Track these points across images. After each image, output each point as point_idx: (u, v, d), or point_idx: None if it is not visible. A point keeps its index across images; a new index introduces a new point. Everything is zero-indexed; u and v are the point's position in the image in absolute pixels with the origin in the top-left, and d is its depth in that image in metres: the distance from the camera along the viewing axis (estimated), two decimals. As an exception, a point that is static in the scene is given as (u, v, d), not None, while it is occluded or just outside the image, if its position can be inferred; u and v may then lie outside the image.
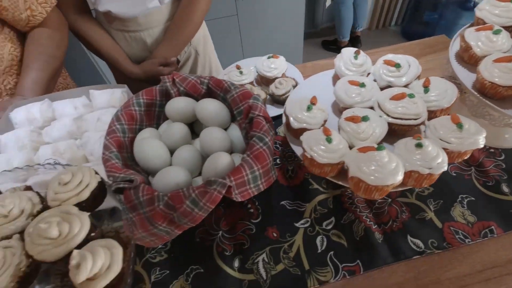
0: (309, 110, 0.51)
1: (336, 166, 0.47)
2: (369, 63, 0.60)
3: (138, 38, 0.99)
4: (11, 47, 0.79)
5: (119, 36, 1.00)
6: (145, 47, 1.01)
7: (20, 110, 0.68)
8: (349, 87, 0.54)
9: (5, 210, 0.40)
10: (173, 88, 0.57)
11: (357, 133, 0.48)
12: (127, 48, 1.01)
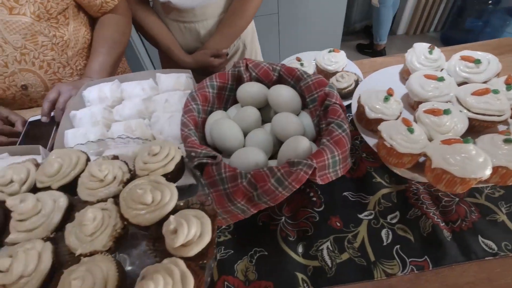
0: (386, 101, 0.51)
1: (415, 157, 0.46)
2: (443, 59, 0.59)
3: (192, 29, 1.02)
4: (85, 31, 0.84)
5: (174, 27, 1.03)
6: (198, 38, 1.04)
7: (92, 89, 0.72)
8: (425, 81, 0.53)
9: (102, 174, 0.42)
10: (246, 73, 0.59)
11: (438, 126, 0.47)
12: (181, 38, 1.05)
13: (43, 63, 0.79)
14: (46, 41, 0.77)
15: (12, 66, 0.76)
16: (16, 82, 0.79)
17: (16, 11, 0.70)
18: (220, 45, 0.98)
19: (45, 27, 0.75)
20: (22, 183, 0.45)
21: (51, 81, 0.83)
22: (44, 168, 0.45)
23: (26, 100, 0.84)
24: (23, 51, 0.75)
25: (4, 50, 0.73)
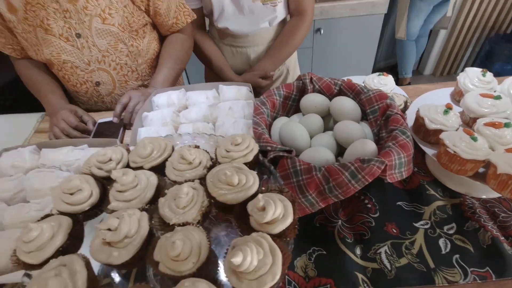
0: (446, 114, 0.55)
1: (478, 164, 0.49)
2: (495, 82, 0.63)
3: (243, 53, 1.13)
4: (155, 45, 0.96)
5: (227, 50, 1.14)
6: (247, 61, 1.14)
7: (161, 95, 0.80)
8: (482, 99, 0.57)
9: (191, 158, 0.47)
10: (310, 85, 0.65)
11: (499, 138, 0.50)
12: (231, 60, 1.15)
13: (117, 66, 0.90)
14: (124, 48, 0.88)
15: (93, 65, 0.88)
16: (92, 78, 0.90)
17: (108, 22, 0.83)
18: (268, 68, 1.07)
19: (126, 37, 0.87)
20: (118, 162, 0.50)
21: (119, 81, 0.93)
22: (138, 151, 0.51)
23: (95, 95, 0.95)
24: (105, 54, 0.86)
25: (91, 51, 0.85)
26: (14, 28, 0.82)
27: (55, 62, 0.85)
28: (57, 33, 0.81)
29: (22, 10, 0.79)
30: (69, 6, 0.79)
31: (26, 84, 0.94)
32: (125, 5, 0.84)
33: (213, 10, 1.01)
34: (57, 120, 0.81)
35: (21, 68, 0.93)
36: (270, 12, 1.03)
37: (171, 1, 0.91)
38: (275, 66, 1.12)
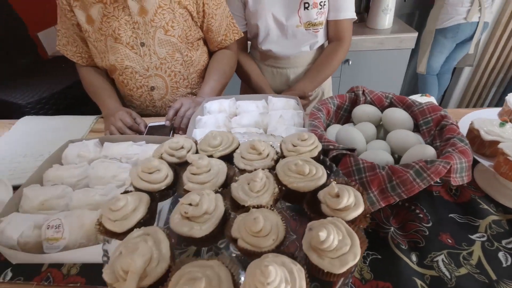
0: (502, 126, 0.57)
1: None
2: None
3: (283, 74, 1.19)
4: (205, 58, 1.04)
5: (268, 71, 1.21)
6: (287, 81, 1.20)
7: (213, 102, 0.85)
8: (535, 116, 0.59)
9: (261, 149, 0.50)
10: (362, 97, 0.68)
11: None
12: (271, 80, 1.22)
13: (172, 73, 0.98)
14: (179, 58, 0.96)
15: (151, 71, 0.95)
16: (148, 83, 0.97)
17: (169, 33, 0.91)
18: (306, 88, 1.13)
19: (183, 48, 0.95)
20: (188, 150, 0.54)
21: (172, 87, 1.01)
22: (208, 141, 0.54)
23: (148, 99, 1.01)
24: (162, 61, 0.94)
25: (151, 58, 0.93)
26: (88, 37, 0.92)
27: (118, 67, 0.94)
28: (124, 41, 0.90)
29: (99, 21, 0.88)
30: (139, 19, 0.88)
31: (86, 88, 1.03)
32: (185, 19, 0.93)
33: (259, 34, 1.09)
34: (115, 120, 0.87)
35: (84, 74, 1.02)
36: (311, 37, 1.10)
37: (223, 20, 1.00)
38: (313, 87, 1.17)
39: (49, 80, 1.25)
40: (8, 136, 0.92)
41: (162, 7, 0.89)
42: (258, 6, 1.04)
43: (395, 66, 2.03)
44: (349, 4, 1.09)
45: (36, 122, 0.99)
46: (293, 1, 1.03)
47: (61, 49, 1.00)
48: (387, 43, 1.92)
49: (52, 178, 0.65)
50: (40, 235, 0.53)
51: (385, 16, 1.91)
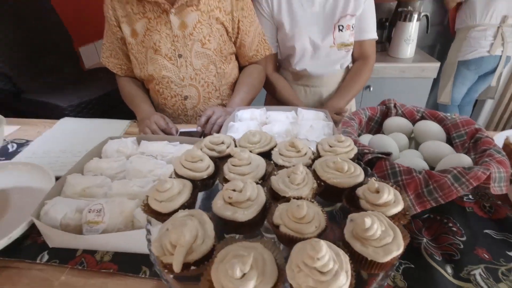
0: (539, 141, 0.57)
1: None
2: None
3: (316, 92, 1.24)
4: (236, 71, 1.10)
5: (300, 90, 1.26)
6: (320, 99, 1.24)
7: (245, 111, 0.88)
8: None
9: (300, 147, 0.52)
10: (393, 109, 0.70)
11: None
12: (304, 99, 1.26)
13: (205, 84, 1.03)
14: (213, 69, 1.02)
15: (186, 81, 1.01)
16: (183, 92, 1.03)
17: (206, 46, 0.98)
18: (339, 104, 1.16)
19: (217, 60, 1.01)
20: (228, 146, 0.56)
21: (204, 97, 1.06)
22: (247, 138, 0.57)
23: (181, 108, 1.06)
24: (197, 72, 1.00)
25: (187, 69, 0.99)
26: (131, 49, 0.99)
27: (156, 77, 1.00)
28: (163, 53, 0.97)
29: (142, 34, 0.96)
30: (179, 32, 0.95)
31: (123, 95, 1.09)
32: (221, 34, 0.99)
33: (295, 54, 1.15)
34: (150, 122, 0.91)
35: (122, 83, 1.10)
36: (343, 56, 1.16)
37: (255, 36, 1.07)
38: (346, 103, 1.21)
39: (88, 88, 1.34)
40: (49, 134, 0.97)
41: (201, 22, 0.96)
42: (295, 29, 1.11)
43: (416, 95, 2.05)
44: (372, 26, 1.17)
45: (75, 123, 1.05)
46: (328, 24, 1.10)
47: (104, 60, 1.08)
48: (409, 71, 1.95)
49: (93, 169, 0.69)
50: (81, 219, 0.56)
51: (407, 46, 1.97)
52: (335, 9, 1.11)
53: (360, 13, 1.12)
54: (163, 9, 0.93)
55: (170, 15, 0.93)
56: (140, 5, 0.94)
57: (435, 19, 2.41)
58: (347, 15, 1.11)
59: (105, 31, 1.04)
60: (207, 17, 0.96)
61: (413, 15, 1.86)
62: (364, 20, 1.15)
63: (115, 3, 0.97)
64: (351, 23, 1.11)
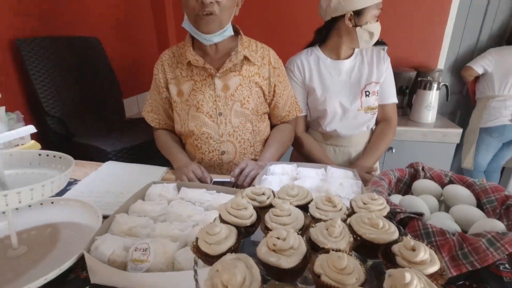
0: None
1: None
2: None
3: (345, 152, 1.31)
4: (269, 130, 1.20)
5: (329, 149, 1.33)
6: (349, 158, 1.31)
7: (277, 166, 0.94)
8: None
9: (336, 202, 0.57)
10: (421, 172, 0.74)
11: None
12: (333, 158, 1.33)
13: (242, 140, 1.12)
14: (249, 127, 1.11)
15: (224, 137, 1.09)
16: (220, 148, 1.10)
17: (245, 106, 1.09)
18: (369, 164, 1.21)
19: (254, 119, 1.11)
20: (268, 197, 0.61)
21: (239, 153, 1.13)
22: (286, 190, 0.62)
23: (217, 162, 1.13)
24: (235, 129, 1.09)
25: (226, 126, 1.08)
26: (175, 107, 1.11)
27: (196, 133, 1.09)
28: (205, 111, 1.08)
29: (187, 94, 1.09)
30: (221, 93, 1.07)
31: (159, 145, 1.20)
32: (258, 96, 1.11)
33: (326, 117, 1.25)
34: (187, 171, 0.98)
35: (159, 134, 1.21)
36: (369, 119, 1.25)
37: (288, 99, 1.18)
38: (375, 161, 1.26)
39: (129, 135, 1.47)
40: (95, 175, 1.06)
41: (242, 85, 1.08)
42: (326, 94, 1.23)
43: (439, 159, 2.06)
44: (392, 91, 1.29)
45: (118, 167, 1.14)
46: (355, 90, 1.22)
47: (144, 114, 1.22)
48: (431, 136, 2.00)
49: (137, 210, 0.74)
50: (126, 257, 0.60)
51: (428, 112, 2.05)
52: (361, 78, 1.23)
53: (382, 80, 1.24)
54: (209, 73, 1.06)
55: (215, 79, 1.06)
56: (189, 70, 1.08)
57: (454, 88, 2.53)
58: (372, 82, 1.23)
59: (151, 89, 1.18)
60: (247, 81, 1.08)
61: (433, 84, 1.98)
62: (385, 86, 1.27)
63: (165, 67, 1.11)
64: (376, 89, 1.22)
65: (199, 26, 0.96)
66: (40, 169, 0.73)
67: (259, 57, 1.10)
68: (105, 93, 1.70)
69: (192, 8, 0.93)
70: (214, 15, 0.93)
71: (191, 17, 0.96)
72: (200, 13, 0.93)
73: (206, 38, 0.99)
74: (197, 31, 0.98)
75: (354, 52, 1.26)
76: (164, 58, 1.12)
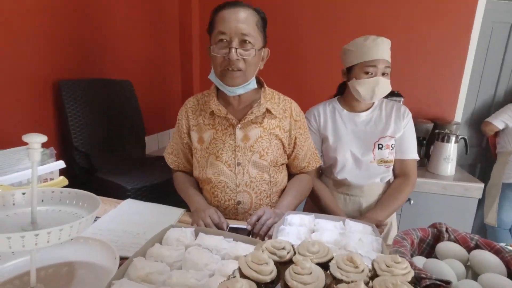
0: None
1: None
2: None
3: (356, 202, 1.29)
4: (286, 180, 1.21)
5: (340, 198, 1.32)
6: (359, 208, 1.28)
7: (295, 216, 0.94)
8: None
9: (358, 263, 0.56)
10: (445, 234, 0.72)
11: None
12: (343, 207, 1.31)
13: (258, 191, 1.11)
14: (267, 178, 1.11)
15: (241, 187, 1.10)
16: (236, 198, 1.11)
17: (263, 158, 1.10)
18: (379, 217, 1.18)
19: (272, 170, 1.12)
20: (288, 252, 0.61)
21: (255, 204, 1.12)
22: (306, 246, 0.61)
23: (232, 212, 1.13)
24: (252, 180, 1.10)
25: (243, 176, 1.09)
26: (195, 153, 1.15)
27: (213, 180, 1.11)
28: (224, 160, 1.10)
29: (208, 142, 1.12)
30: (241, 144, 1.10)
31: (177, 186, 1.22)
32: (278, 148, 1.13)
33: (337, 165, 1.26)
34: (205, 215, 0.99)
35: (178, 175, 1.25)
36: (383, 171, 1.24)
37: (308, 150, 1.20)
38: (385, 216, 1.22)
39: (149, 173, 1.52)
40: (114, 213, 1.09)
41: (262, 137, 1.10)
42: (338, 143, 1.25)
43: (461, 214, 1.98)
44: (412, 147, 1.28)
45: (136, 205, 1.16)
46: (369, 142, 1.23)
47: (165, 155, 1.26)
48: (451, 189, 1.95)
49: (155, 255, 0.75)
50: (142, 305, 0.59)
51: (447, 165, 2.02)
52: (375, 131, 1.25)
53: (401, 135, 1.25)
54: (230, 123, 1.10)
55: (236, 129, 1.09)
56: (211, 118, 1.12)
57: (473, 140, 2.51)
58: (387, 136, 1.24)
59: (174, 133, 1.23)
60: (268, 133, 1.10)
61: (451, 137, 1.97)
62: (405, 141, 1.27)
63: (189, 113, 1.16)
64: (390, 143, 1.23)
65: (225, 79, 1.02)
66: (67, 206, 0.76)
67: (281, 110, 1.13)
68: (130, 130, 1.78)
69: (220, 63, 1.00)
70: (240, 71, 1.00)
71: (218, 71, 1.03)
72: (226, 68, 1.00)
73: (230, 90, 1.04)
74: (222, 83, 1.04)
75: (374, 105, 1.30)
76: (188, 105, 1.18)
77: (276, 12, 2.42)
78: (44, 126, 1.47)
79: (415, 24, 2.28)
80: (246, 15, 0.98)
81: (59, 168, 1.13)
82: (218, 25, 0.99)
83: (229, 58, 0.97)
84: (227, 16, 0.97)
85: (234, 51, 0.96)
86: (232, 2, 1.00)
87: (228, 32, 0.96)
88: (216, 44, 1.00)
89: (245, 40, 0.97)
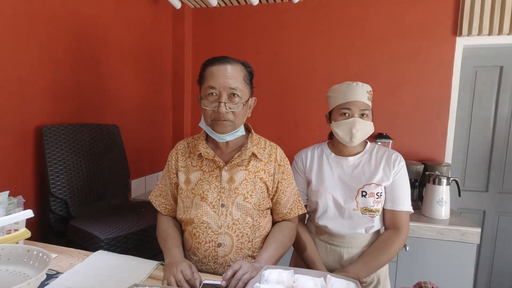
0: None
1: None
2: None
3: (337, 252, 1.21)
4: (270, 226, 1.15)
5: (322, 246, 1.25)
6: (340, 260, 1.20)
7: (272, 271, 0.87)
8: None
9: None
10: (431, 295, 0.65)
11: None
12: (324, 256, 1.23)
13: (240, 234, 1.07)
14: (250, 222, 1.08)
15: (223, 229, 1.06)
16: (217, 240, 1.06)
17: (247, 200, 1.08)
18: (360, 273, 1.09)
19: (255, 214, 1.09)
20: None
21: (236, 247, 1.07)
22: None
23: (212, 254, 1.07)
24: (235, 222, 1.06)
25: (226, 218, 1.06)
26: (180, 194, 1.13)
27: (196, 221, 1.07)
28: (209, 201, 1.07)
29: (194, 183, 1.11)
30: (226, 185, 1.08)
31: (158, 233, 1.16)
32: (262, 191, 1.10)
33: (318, 210, 1.21)
34: (176, 271, 0.91)
35: (162, 220, 1.19)
36: (367, 221, 1.17)
37: (291, 196, 1.16)
38: (368, 272, 1.13)
39: (128, 221, 1.44)
40: (79, 268, 1.00)
41: (247, 179, 1.09)
42: (320, 187, 1.21)
43: (460, 260, 1.87)
44: (403, 198, 1.19)
45: (107, 258, 1.08)
46: (352, 188, 1.19)
47: (152, 199, 1.22)
48: (447, 234, 1.86)
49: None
50: None
51: (441, 208, 1.95)
52: (362, 177, 1.20)
53: (391, 184, 1.19)
54: (217, 165, 1.10)
55: (222, 171, 1.09)
56: (199, 160, 1.13)
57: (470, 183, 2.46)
58: (372, 183, 1.18)
59: (162, 175, 1.22)
60: (253, 176, 1.10)
61: (441, 179, 1.94)
62: (396, 191, 1.19)
63: (179, 155, 1.17)
64: (375, 191, 1.17)
65: (215, 128, 1.06)
66: (15, 265, 0.69)
67: (266, 154, 1.14)
68: (113, 176, 1.74)
69: (210, 115, 1.05)
70: (230, 121, 1.04)
71: (208, 121, 1.07)
72: (216, 119, 1.04)
73: (220, 137, 1.07)
74: (213, 131, 1.07)
75: (364, 149, 1.26)
76: (179, 147, 1.20)
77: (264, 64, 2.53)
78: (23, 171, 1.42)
79: (400, 67, 2.37)
80: (234, 71, 1.03)
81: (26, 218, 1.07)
82: (207, 79, 1.04)
83: (219, 111, 1.02)
84: (216, 72, 1.03)
85: (223, 105, 1.01)
86: (221, 58, 1.06)
87: (218, 87, 1.02)
88: (206, 98, 1.04)
89: (233, 94, 1.03)
